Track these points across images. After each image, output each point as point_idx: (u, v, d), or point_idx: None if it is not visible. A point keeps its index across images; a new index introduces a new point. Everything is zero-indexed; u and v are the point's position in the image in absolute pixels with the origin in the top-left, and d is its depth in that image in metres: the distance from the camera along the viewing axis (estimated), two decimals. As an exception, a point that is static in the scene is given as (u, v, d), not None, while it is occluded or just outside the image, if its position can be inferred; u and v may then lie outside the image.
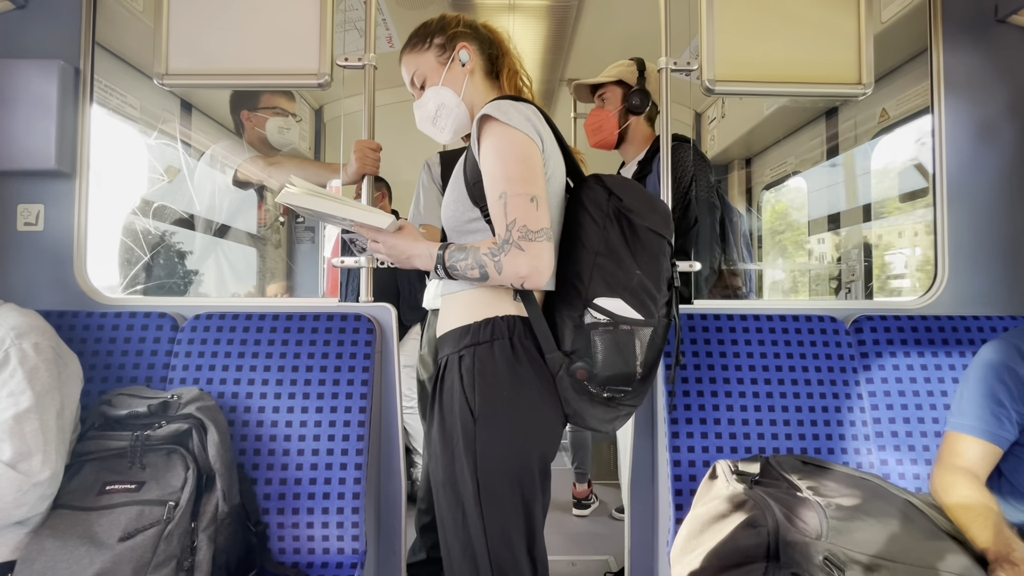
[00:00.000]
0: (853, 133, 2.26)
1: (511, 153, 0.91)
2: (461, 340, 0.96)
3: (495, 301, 0.96)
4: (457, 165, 1.03)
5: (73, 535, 0.99)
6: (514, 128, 0.92)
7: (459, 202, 0.99)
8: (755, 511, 0.95)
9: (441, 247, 0.95)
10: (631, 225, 0.92)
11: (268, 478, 1.24)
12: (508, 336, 0.94)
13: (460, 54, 1.05)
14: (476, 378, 0.92)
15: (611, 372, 0.89)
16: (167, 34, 1.41)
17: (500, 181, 0.90)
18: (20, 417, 1.01)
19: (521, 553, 0.92)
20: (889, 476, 1.26)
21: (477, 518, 0.90)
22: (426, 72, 1.06)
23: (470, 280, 0.94)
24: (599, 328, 0.90)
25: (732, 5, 1.43)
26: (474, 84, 1.06)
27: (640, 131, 1.69)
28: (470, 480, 0.90)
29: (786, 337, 1.36)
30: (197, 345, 1.33)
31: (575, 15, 2.39)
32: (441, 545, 0.99)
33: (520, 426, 0.92)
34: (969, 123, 1.50)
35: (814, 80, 1.44)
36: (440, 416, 0.96)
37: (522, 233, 0.87)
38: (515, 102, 0.96)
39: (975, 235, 1.49)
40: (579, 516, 2.52)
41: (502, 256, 0.88)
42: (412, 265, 0.99)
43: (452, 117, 1.06)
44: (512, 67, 1.10)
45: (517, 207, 0.88)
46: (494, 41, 1.09)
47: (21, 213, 1.46)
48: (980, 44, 1.50)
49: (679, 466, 1.26)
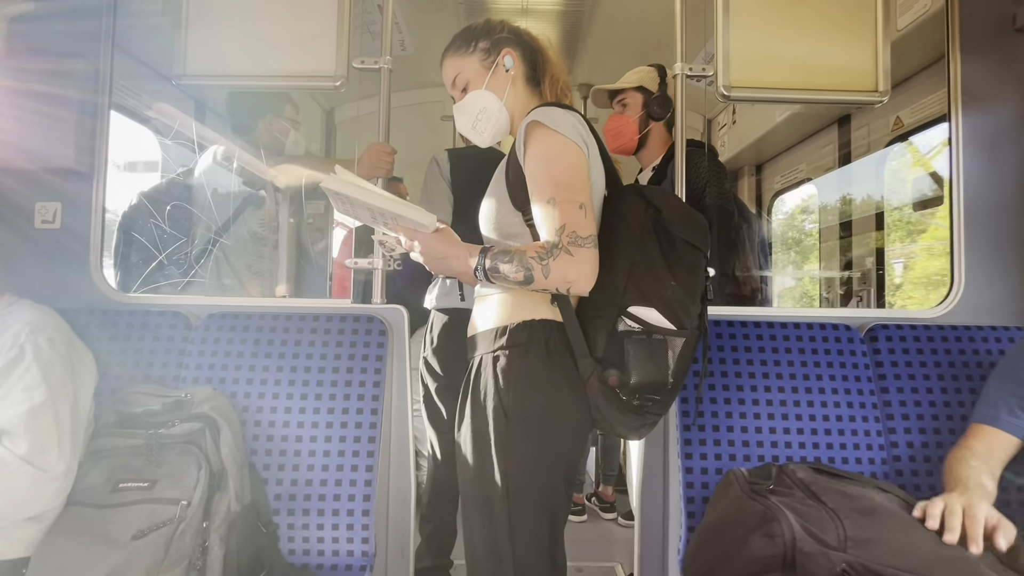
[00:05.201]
0: (866, 141, 2.25)
1: (560, 160, 0.92)
2: (496, 341, 0.97)
3: (532, 305, 0.96)
4: (498, 168, 1.03)
5: (86, 532, 0.99)
6: (563, 135, 0.92)
7: (500, 206, 1.00)
8: (771, 520, 0.93)
9: (483, 250, 0.94)
10: (669, 237, 0.93)
11: (279, 478, 1.24)
12: (544, 340, 0.94)
13: (504, 60, 1.05)
14: (511, 380, 0.93)
15: (643, 380, 0.90)
16: (186, 35, 1.42)
17: (549, 187, 0.91)
18: (35, 411, 1.01)
19: (544, 554, 0.94)
20: (905, 487, 1.25)
21: (504, 518, 0.91)
22: (469, 76, 1.06)
23: (511, 283, 0.92)
24: (632, 336, 0.91)
25: (748, 11, 1.43)
26: (516, 90, 1.06)
27: (659, 137, 1.70)
28: (500, 480, 0.92)
29: (800, 345, 1.35)
30: (210, 344, 1.33)
31: (587, 20, 2.40)
32: (465, 543, 1.00)
33: (552, 430, 0.93)
34: (986, 132, 1.49)
35: (830, 87, 1.44)
36: (472, 415, 0.97)
37: (571, 239, 0.88)
38: (563, 110, 0.97)
39: (991, 244, 1.47)
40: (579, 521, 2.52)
41: (551, 260, 0.88)
42: (448, 267, 0.98)
43: (493, 122, 1.06)
44: (554, 75, 1.09)
45: (567, 213, 0.89)
46: (537, 48, 1.09)
47: (39, 211, 1.47)
48: (998, 53, 1.49)
49: (691, 473, 1.25)
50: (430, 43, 2.43)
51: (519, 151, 0.97)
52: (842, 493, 1.02)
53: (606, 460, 2.66)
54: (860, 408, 1.30)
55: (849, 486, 1.05)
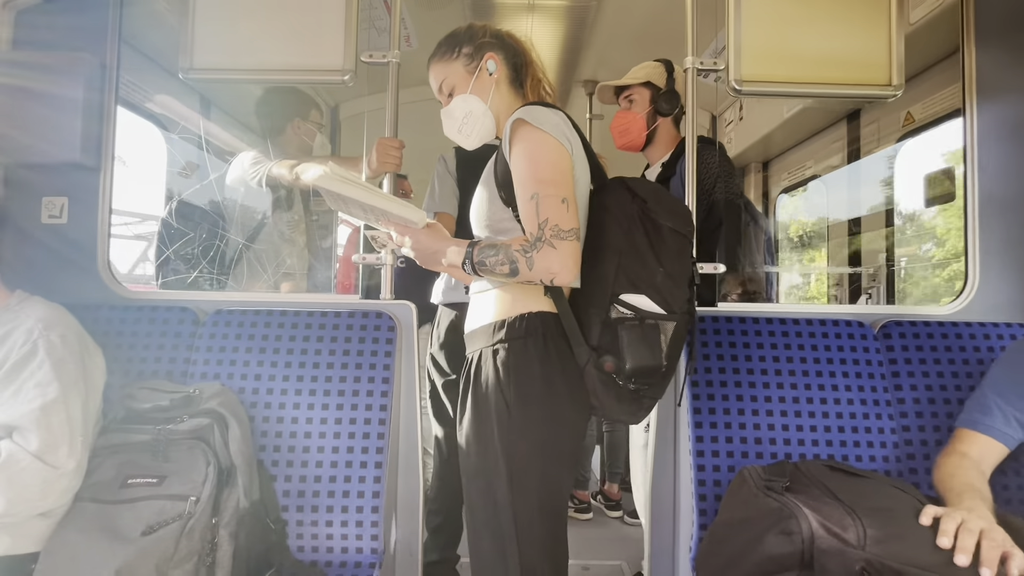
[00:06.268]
0: (876, 137, 2.23)
1: (543, 156, 0.95)
2: (495, 335, 0.99)
3: (528, 298, 1.00)
4: (487, 166, 1.06)
5: (96, 528, 0.99)
6: (546, 133, 0.95)
7: (491, 202, 1.03)
8: (788, 518, 0.92)
9: (471, 244, 0.98)
10: (655, 225, 0.97)
11: (288, 475, 1.23)
12: (541, 332, 0.97)
13: (487, 64, 1.08)
14: (511, 372, 0.95)
15: (638, 364, 0.93)
16: (193, 28, 1.41)
17: (532, 182, 0.94)
18: (47, 408, 1.01)
19: (549, 542, 0.96)
20: (919, 485, 1.24)
21: (508, 508, 0.94)
22: (454, 81, 1.10)
23: (497, 276, 0.97)
24: (625, 323, 0.94)
25: (759, 4, 1.42)
26: (500, 93, 1.10)
27: (666, 133, 1.68)
28: (504, 470, 0.94)
29: (812, 342, 1.34)
30: (218, 340, 1.32)
31: (593, 15, 2.38)
32: (468, 534, 1.02)
33: (552, 419, 0.96)
34: (1001, 126, 1.47)
35: (843, 81, 1.42)
36: (474, 408, 0.98)
37: (554, 232, 0.91)
38: (547, 108, 1.00)
39: (1007, 241, 1.46)
40: (584, 520, 2.51)
41: (534, 253, 0.91)
42: (438, 261, 1.03)
43: (479, 125, 1.09)
44: (536, 76, 1.14)
45: (549, 207, 0.92)
46: (519, 50, 1.13)
47: (46, 206, 1.46)
48: (1013, 46, 1.47)
49: (703, 471, 1.24)
50: (435, 39, 2.41)
51: (505, 149, 0.99)
52: (859, 491, 1.00)
53: (611, 458, 2.66)
54: (873, 405, 1.29)
55: (865, 484, 1.04)
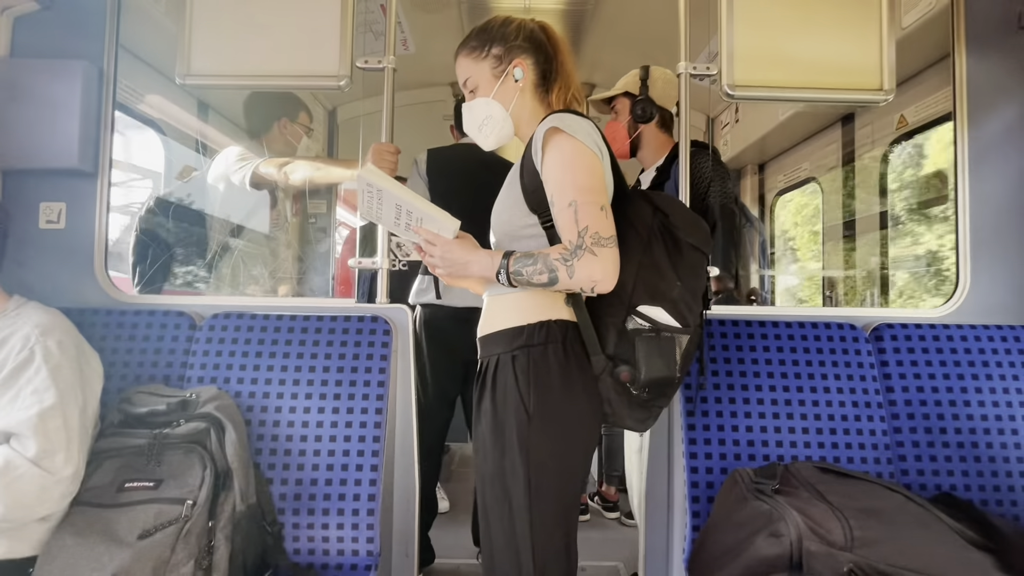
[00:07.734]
0: (870, 139, 2.24)
1: (579, 164, 0.95)
2: (515, 340, 1.00)
3: (549, 305, 1.00)
4: (511, 173, 1.06)
5: (93, 532, 1.00)
6: (580, 141, 0.96)
7: (514, 209, 1.03)
8: (777, 520, 0.93)
9: (505, 254, 0.98)
10: (674, 240, 0.97)
11: (284, 478, 1.24)
12: (561, 340, 0.98)
13: (515, 71, 1.07)
14: (531, 378, 0.96)
15: (654, 375, 0.94)
16: (190, 34, 1.42)
17: (570, 190, 0.94)
18: (44, 414, 1.02)
19: (561, 547, 0.98)
20: (910, 486, 1.25)
21: (525, 511, 0.95)
22: (479, 81, 1.09)
23: (534, 285, 0.96)
24: (642, 334, 0.95)
25: (752, 9, 1.43)
26: (523, 99, 1.08)
27: (654, 139, 1.70)
28: (521, 475, 0.95)
29: (804, 344, 1.35)
30: (215, 344, 1.33)
31: (589, 18, 2.40)
32: (482, 537, 1.03)
33: (569, 426, 0.98)
34: (992, 130, 1.49)
35: (835, 86, 1.43)
36: (493, 412, 0.99)
37: (595, 239, 0.91)
38: (578, 117, 1.00)
39: (998, 243, 1.47)
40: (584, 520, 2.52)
41: (575, 261, 0.91)
42: (467, 272, 1.02)
43: (497, 129, 1.09)
44: (565, 83, 1.10)
45: (588, 215, 0.92)
46: (551, 55, 1.09)
47: (43, 211, 1.47)
48: (1004, 51, 1.49)
49: (696, 473, 1.25)
50: (432, 43, 2.43)
51: (536, 156, 0.99)
52: (848, 493, 1.01)
53: (609, 460, 2.67)
54: (865, 407, 1.30)
55: (855, 485, 1.05)
